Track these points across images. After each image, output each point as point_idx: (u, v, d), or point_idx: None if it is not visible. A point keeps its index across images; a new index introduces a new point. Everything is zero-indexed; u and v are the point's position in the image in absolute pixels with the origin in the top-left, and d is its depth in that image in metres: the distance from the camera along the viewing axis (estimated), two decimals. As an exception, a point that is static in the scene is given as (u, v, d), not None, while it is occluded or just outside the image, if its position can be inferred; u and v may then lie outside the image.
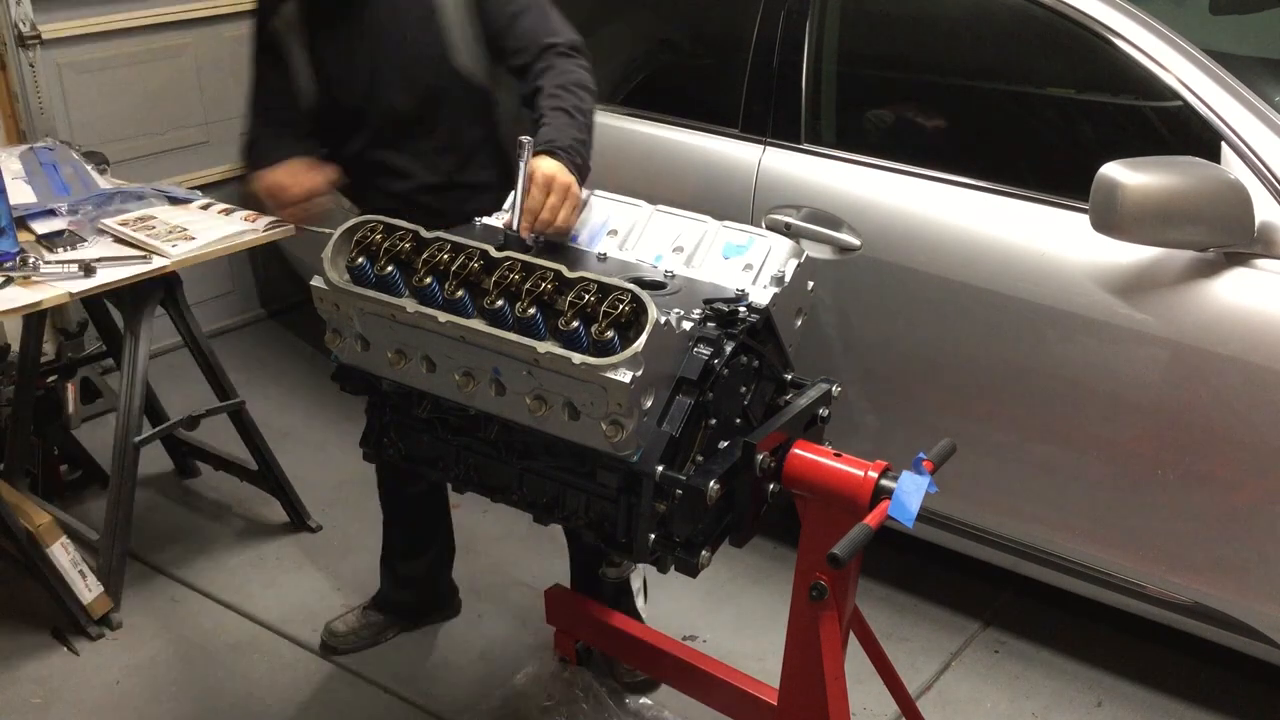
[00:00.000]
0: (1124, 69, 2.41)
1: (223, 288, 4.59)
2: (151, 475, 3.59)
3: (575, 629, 2.54)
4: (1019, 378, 2.50)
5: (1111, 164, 2.15)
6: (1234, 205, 2.16)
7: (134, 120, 4.18)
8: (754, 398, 1.86)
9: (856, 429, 2.76)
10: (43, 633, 2.94)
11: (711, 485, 1.69)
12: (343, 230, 1.91)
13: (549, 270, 1.73)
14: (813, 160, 2.76)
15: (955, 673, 2.79)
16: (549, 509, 1.91)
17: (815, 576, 1.82)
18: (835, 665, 1.89)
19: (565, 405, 1.71)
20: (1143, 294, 2.31)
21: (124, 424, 2.98)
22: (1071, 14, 2.44)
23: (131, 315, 2.98)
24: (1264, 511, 2.28)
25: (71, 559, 2.90)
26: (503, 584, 3.12)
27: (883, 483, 1.74)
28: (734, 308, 1.80)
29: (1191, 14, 3.11)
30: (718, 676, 2.30)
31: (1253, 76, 2.40)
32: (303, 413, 3.98)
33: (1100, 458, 2.44)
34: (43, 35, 3.84)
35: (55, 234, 2.95)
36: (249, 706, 2.73)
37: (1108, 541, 2.51)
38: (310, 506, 3.38)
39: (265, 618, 3.01)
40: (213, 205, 3.21)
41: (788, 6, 2.79)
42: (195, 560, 3.25)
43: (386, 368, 1.91)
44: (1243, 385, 2.23)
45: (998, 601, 2.99)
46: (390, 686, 2.77)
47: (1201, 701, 2.67)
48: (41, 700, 2.75)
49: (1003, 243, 2.48)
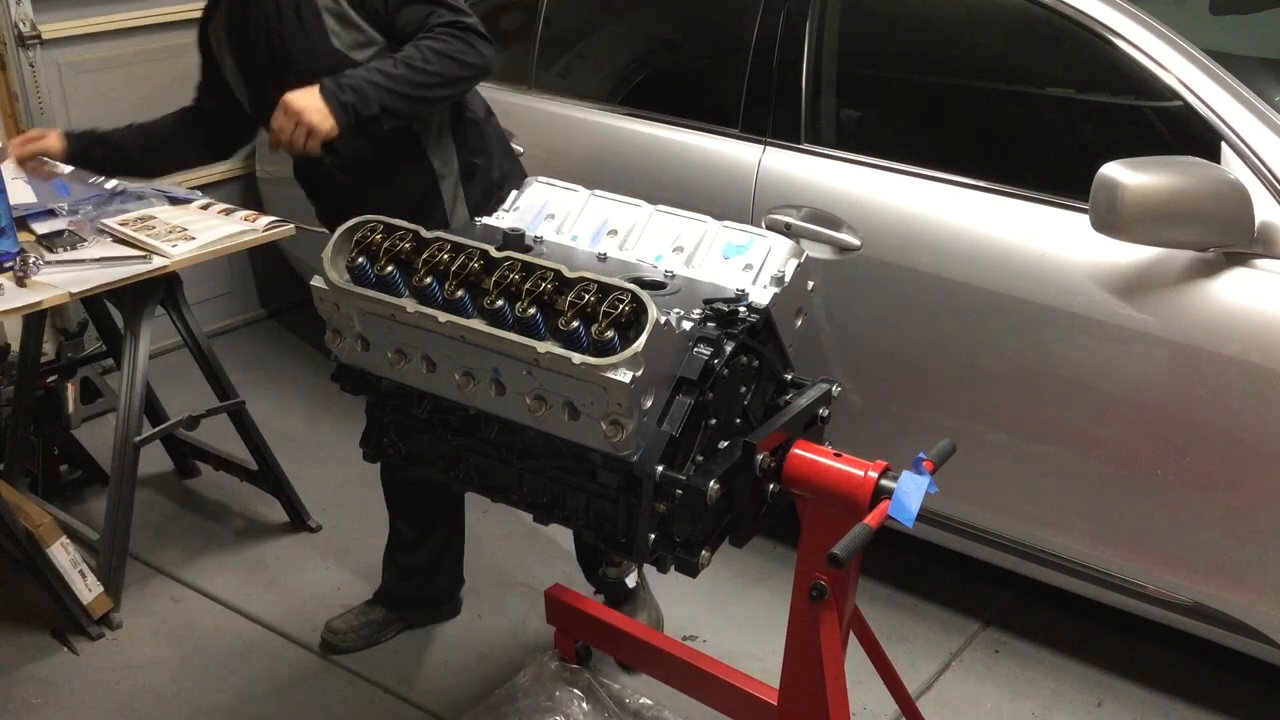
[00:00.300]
0: (1124, 69, 2.41)
1: (223, 288, 4.58)
2: (151, 475, 3.59)
3: (575, 629, 2.54)
4: (1019, 377, 2.50)
5: (1111, 164, 2.15)
6: (1234, 205, 2.16)
7: (134, 120, 4.17)
8: (754, 398, 1.86)
9: (856, 429, 2.76)
10: (43, 633, 2.94)
11: (711, 485, 1.69)
12: (343, 230, 1.91)
13: (549, 270, 1.73)
14: (813, 160, 2.76)
15: (955, 673, 2.78)
16: (549, 509, 1.91)
17: (815, 576, 1.82)
18: (835, 665, 1.89)
19: (565, 405, 1.72)
20: (1143, 294, 2.31)
21: (124, 424, 2.98)
22: (1071, 14, 2.44)
23: (131, 315, 2.98)
24: (1264, 511, 2.28)
25: (71, 559, 2.89)
26: (503, 584, 3.11)
27: (883, 483, 1.74)
28: (734, 308, 1.80)
29: (1191, 14, 3.11)
30: (718, 676, 2.30)
31: (1253, 76, 2.40)
32: (303, 413, 3.98)
33: (1100, 458, 2.44)
34: (43, 35, 3.84)
35: (55, 234, 2.95)
36: (249, 706, 2.73)
37: (1108, 541, 2.51)
38: (310, 506, 3.38)
39: (265, 618, 3.01)
40: (213, 205, 3.21)
41: (788, 6, 2.79)
42: (195, 560, 3.25)
43: (386, 368, 1.91)
44: (1243, 385, 2.23)
45: (998, 601, 2.98)
46: (390, 686, 2.77)
47: (1201, 701, 2.67)
48: (41, 700, 2.75)
49: (1003, 243, 2.48)
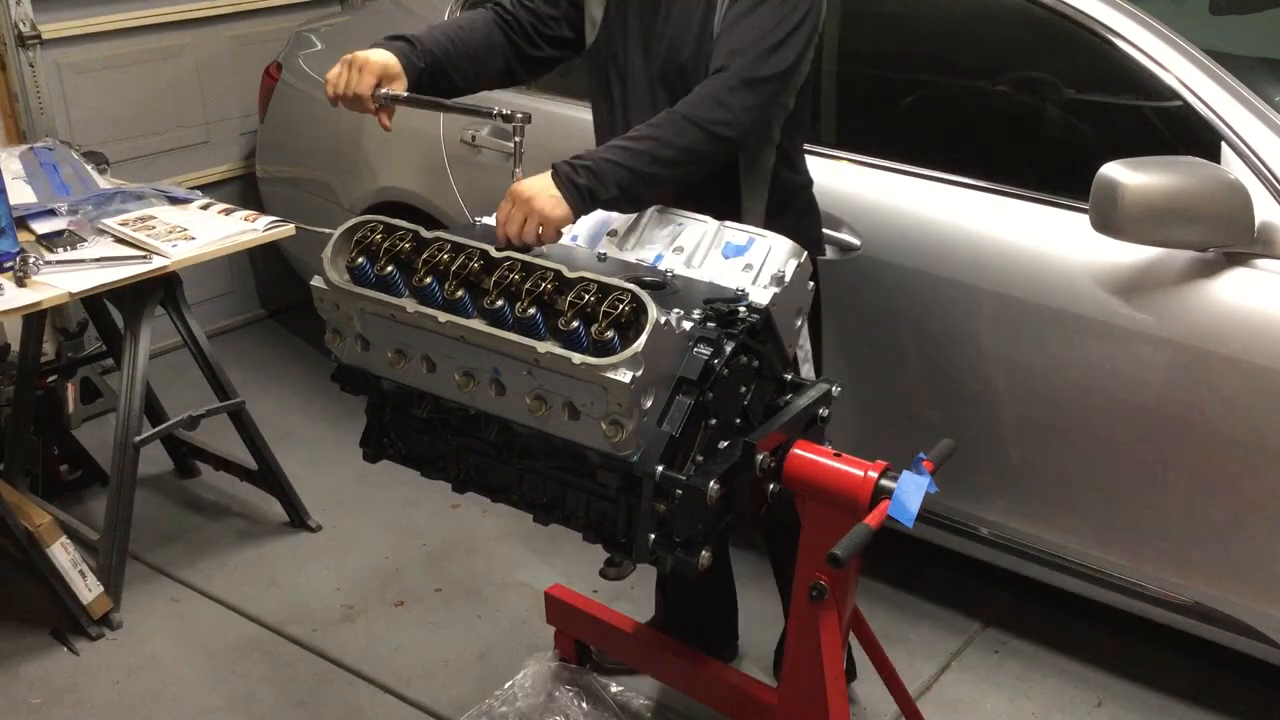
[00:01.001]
0: (1124, 69, 2.41)
1: (223, 288, 4.59)
2: (151, 475, 3.59)
3: (575, 629, 2.54)
4: (1019, 377, 2.50)
5: (1111, 164, 2.15)
6: (1234, 205, 2.16)
7: (134, 120, 4.18)
8: (754, 398, 1.86)
9: (856, 429, 2.76)
10: (43, 633, 2.94)
11: (711, 485, 1.69)
12: (343, 230, 1.91)
13: (549, 270, 1.73)
14: (812, 160, 2.76)
15: (955, 673, 2.78)
16: (549, 509, 1.92)
17: (815, 576, 1.83)
18: (835, 665, 1.89)
19: (565, 405, 1.72)
20: (1143, 294, 2.31)
21: (124, 424, 2.98)
22: (1071, 14, 2.44)
23: (131, 315, 2.98)
24: (1264, 511, 2.28)
25: (71, 559, 2.89)
26: (503, 584, 3.12)
27: (883, 483, 1.74)
28: (734, 308, 1.81)
29: (1191, 14, 3.11)
30: (718, 676, 2.30)
31: (1253, 76, 2.40)
32: (303, 413, 3.98)
33: (1100, 458, 2.44)
34: (43, 35, 3.84)
35: (55, 234, 2.95)
36: (249, 706, 2.73)
37: (1108, 541, 2.51)
38: (310, 506, 3.38)
39: (265, 618, 3.01)
40: (213, 205, 3.21)
41: (788, 6, 2.79)
42: (195, 560, 3.25)
43: (386, 368, 1.91)
44: (1243, 385, 2.23)
45: (998, 601, 2.98)
46: (390, 686, 2.77)
47: (1201, 701, 2.67)
48: (41, 700, 2.75)
49: (1003, 243, 2.48)
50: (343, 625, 2.99)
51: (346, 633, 2.96)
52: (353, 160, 3.74)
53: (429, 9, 3.57)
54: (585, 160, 1.92)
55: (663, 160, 1.93)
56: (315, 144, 3.92)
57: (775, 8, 2.02)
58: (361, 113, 2.13)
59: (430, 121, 3.40)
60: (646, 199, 2.02)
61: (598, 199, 1.91)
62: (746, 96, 1.97)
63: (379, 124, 2.14)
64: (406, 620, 3.00)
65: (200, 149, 4.41)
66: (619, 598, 2.95)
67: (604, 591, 2.89)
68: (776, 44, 2.00)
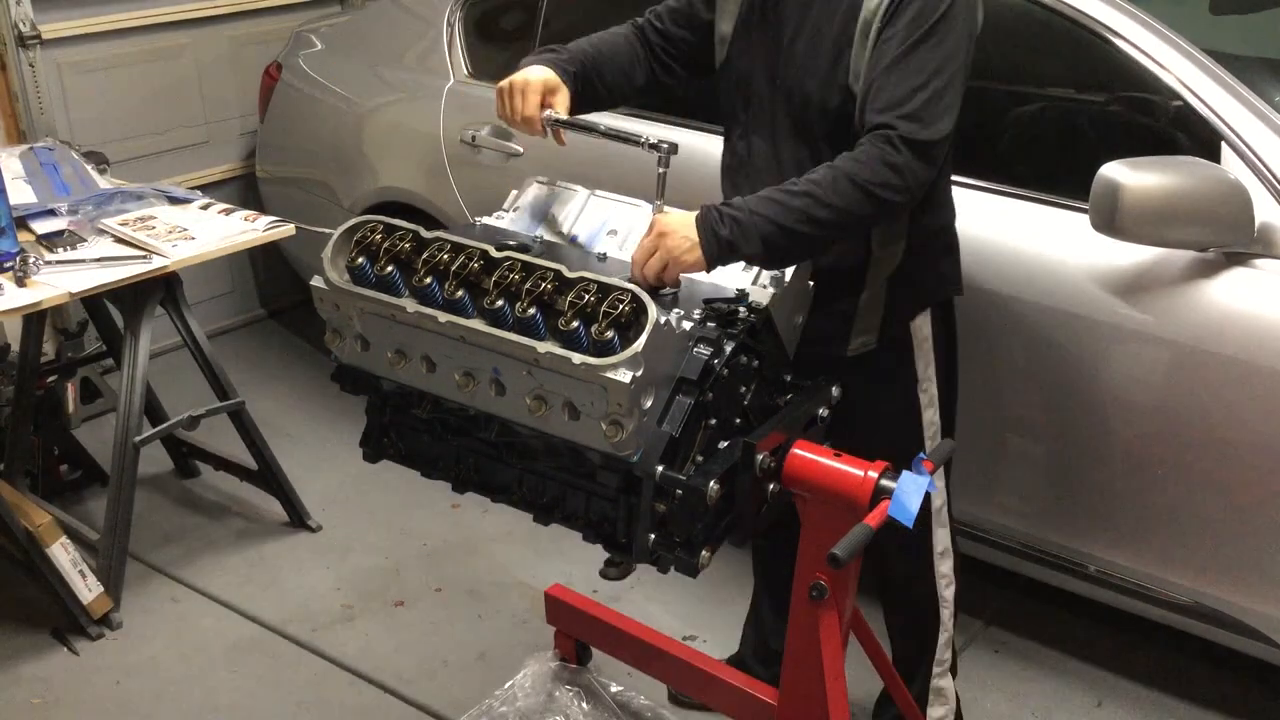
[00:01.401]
0: (1124, 69, 2.41)
1: (223, 288, 4.59)
2: (151, 475, 3.59)
3: (575, 629, 2.54)
4: (1018, 377, 2.50)
5: (1111, 164, 2.15)
6: (1234, 205, 2.16)
7: (134, 120, 4.19)
8: (754, 398, 1.86)
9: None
10: (43, 633, 2.94)
11: (711, 485, 1.69)
12: (343, 230, 1.91)
13: (549, 270, 1.73)
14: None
15: (955, 673, 2.79)
16: (549, 509, 1.91)
17: (815, 576, 1.83)
18: (835, 665, 1.89)
19: (565, 405, 1.71)
20: (1143, 294, 2.31)
21: (124, 424, 2.98)
22: (1071, 14, 2.44)
23: (131, 315, 2.98)
24: (1264, 511, 2.28)
25: (71, 559, 2.90)
26: (503, 584, 3.12)
27: (882, 483, 1.74)
28: (734, 308, 1.80)
29: (1191, 14, 3.11)
30: (718, 676, 2.30)
31: (1253, 76, 2.40)
32: (303, 413, 3.98)
33: (1100, 457, 2.44)
34: (43, 35, 3.84)
35: (55, 234, 2.96)
36: (249, 706, 2.73)
37: (1108, 541, 2.51)
38: (310, 506, 3.38)
39: (265, 618, 3.01)
40: (213, 205, 3.21)
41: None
42: (195, 560, 3.25)
43: (386, 368, 1.91)
44: (1243, 385, 2.23)
45: (998, 601, 2.98)
46: (390, 686, 2.77)
47: (1201, 701, 2.67)
48: (41, 701, 2.75)
49: (1002, 243, 2.48)
50: (343, 625, 2.99)
51: (346, 633, 2.96)
52: (353, 160, 3.74)
53: (429, 9, 3.57)
54: (734, 210, 1.80)
55: (817, 220, 1.79)
56: (315, 144, 3.92)
57: (932, 49, 1.86)
58: (533, 135, 2.06)
59: (430, 121, 3.40)
60: (791, 259, 1.87)
61: (738, 253, 1.80)
62: (915, 163, 1.82)
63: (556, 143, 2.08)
64: (406, 620, 3.00)
65: (200, 149, 4.41)
66: (619, 598, 2.96)
67: (604, 591, 2.89)
68: (938, 96, 1.85)
